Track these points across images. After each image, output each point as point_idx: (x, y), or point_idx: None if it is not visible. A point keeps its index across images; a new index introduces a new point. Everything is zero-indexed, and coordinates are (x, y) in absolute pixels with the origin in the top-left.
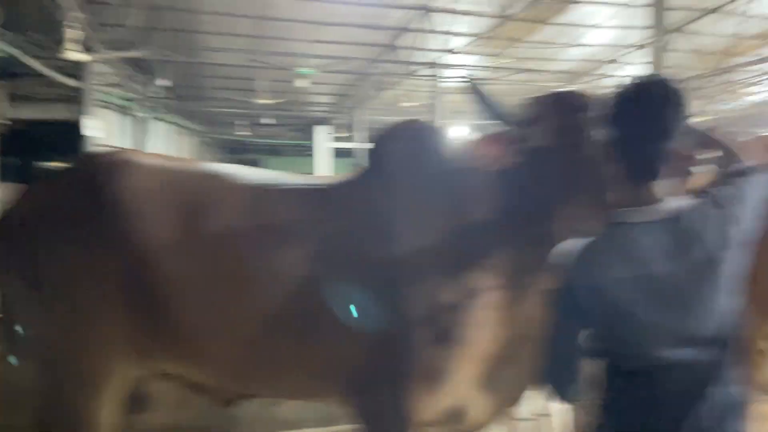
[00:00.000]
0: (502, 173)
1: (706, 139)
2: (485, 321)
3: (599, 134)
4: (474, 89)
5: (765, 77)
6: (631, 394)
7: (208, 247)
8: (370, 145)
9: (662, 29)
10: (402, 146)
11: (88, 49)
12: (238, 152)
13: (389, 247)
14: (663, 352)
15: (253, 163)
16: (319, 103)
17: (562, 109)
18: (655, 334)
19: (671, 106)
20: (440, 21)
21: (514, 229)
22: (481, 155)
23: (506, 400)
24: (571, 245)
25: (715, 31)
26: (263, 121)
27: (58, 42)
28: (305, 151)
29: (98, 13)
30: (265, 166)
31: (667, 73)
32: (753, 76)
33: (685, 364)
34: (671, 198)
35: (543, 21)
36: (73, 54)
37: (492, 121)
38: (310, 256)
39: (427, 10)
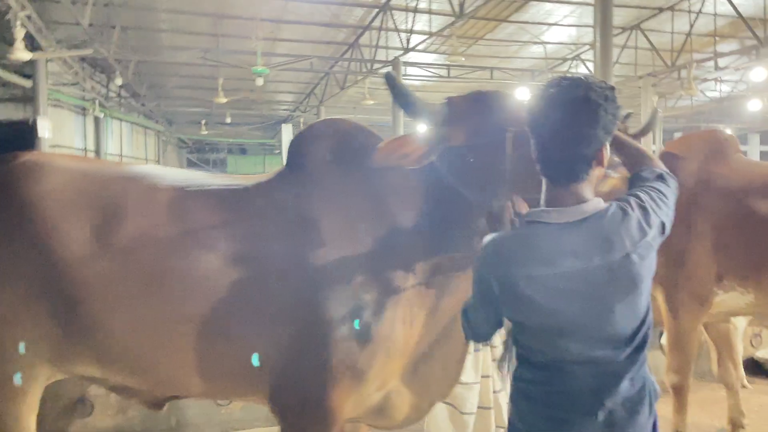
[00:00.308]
0: (422, 172)
1: (618, 142)
2: (408, 318)
3: (520, 134)
4: (392, 86)
5: (718, 74)
6: (542, 383)
7: (121, 250)
8: (288, 144)
9: (608, 28)
10: (319, 145)
11: (39, 48)
12: (205, 152)
13: (305, 246)
14: (575, 347)
15: (221, 163)
16: (284, 102)
17: (480, 109)
18: (566, 330)
19: (591, 109)
20: (402, 19)
21: (433, 227)
22: (400, 154)
23: (434, 395)
24: (489, 238)
25: (669, 29)
26: (228, 120)
27: (10, 41)
28: (273, 150)
29: (51, 11)
30: (233, 165)
31: (606, 72)
32: (708, 73)
33: (597, 359)
34: (594, 199)
35: (502, 19)
36: (22, 53)
37: (411, 119)
38: (225, 257)
39: (388, 8)
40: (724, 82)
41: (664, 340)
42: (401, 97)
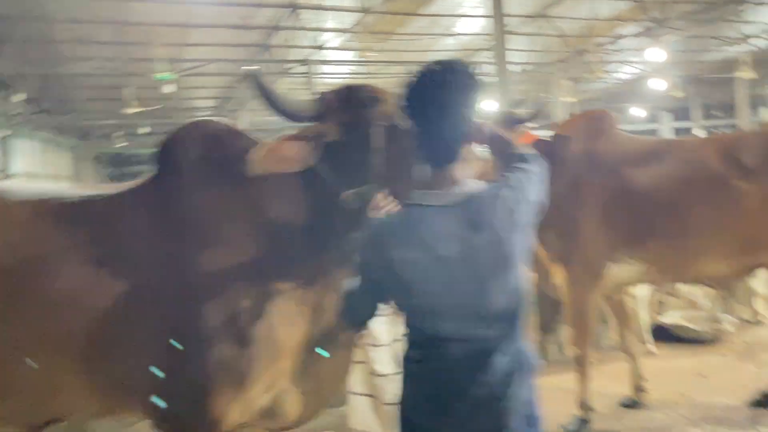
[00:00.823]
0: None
1: (482, 129)
2: (289, 318)
3: (393, 123)
4: (258, 87)
5: (623, 56)
6: (423, 362)
7: None
8: (156, 149)
9: (500, 17)
10: (186, 150)
11: None
12: (123, 165)
13: (175, 253)
14: (450, 326)
15: (137, 176)
16: (203, 108)
17: (351, 103)
18: (442, 310)
19: (459, 91)
20: (312, 18)
21: (311, 225)
22: (280, 158)
23: (326, 392)
24: (372, 223)
25: (574, 15)
26: (147, 130)
27: None
28: None
29: None
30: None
31: (501, 61)
32: (613, 55)
33: (472, 336)
34: (468, 181)
35: (411, 12)
36: None
37: (277, 117)
38: (88, 270)
39: (295, 7)
40: (630, 64)
41: None
42: (269, 98)
